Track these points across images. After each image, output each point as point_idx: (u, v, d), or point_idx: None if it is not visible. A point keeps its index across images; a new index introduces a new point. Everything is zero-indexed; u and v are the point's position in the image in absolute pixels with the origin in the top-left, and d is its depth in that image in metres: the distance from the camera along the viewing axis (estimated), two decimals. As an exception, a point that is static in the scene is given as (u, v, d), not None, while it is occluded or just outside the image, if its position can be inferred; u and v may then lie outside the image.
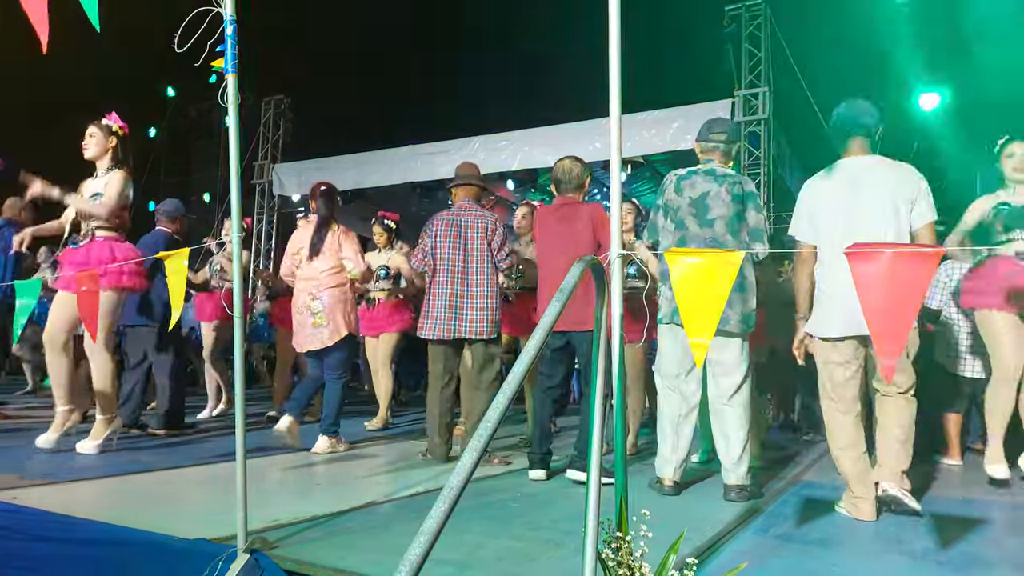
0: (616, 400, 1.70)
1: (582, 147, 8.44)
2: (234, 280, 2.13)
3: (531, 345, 1.25)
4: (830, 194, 2.85)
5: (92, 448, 3.66)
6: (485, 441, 1.09)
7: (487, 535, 2.26)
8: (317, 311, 4.03)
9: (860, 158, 2.86)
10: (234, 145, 2.06)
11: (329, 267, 4.08)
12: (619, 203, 1.76)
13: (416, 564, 0.97)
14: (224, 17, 2.00)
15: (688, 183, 3.17)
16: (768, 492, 3.15)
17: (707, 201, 3.09)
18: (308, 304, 4.05)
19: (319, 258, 4.08)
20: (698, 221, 3.10)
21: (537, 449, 3.43)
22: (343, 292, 4.11)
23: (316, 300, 4.04)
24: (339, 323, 4.06)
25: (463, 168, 4.13)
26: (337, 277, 4.10)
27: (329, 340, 4.03)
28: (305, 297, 4.07)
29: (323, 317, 4.03)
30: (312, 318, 4.04)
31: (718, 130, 3.24)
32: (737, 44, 8.33)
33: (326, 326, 4.04)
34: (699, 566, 1.59)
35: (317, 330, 4.04)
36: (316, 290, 4.05)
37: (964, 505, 3.06)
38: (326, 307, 4.03)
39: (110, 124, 3.79)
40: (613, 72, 1.69)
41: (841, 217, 2.79)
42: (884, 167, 2.82)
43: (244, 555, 1.86)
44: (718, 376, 3.07)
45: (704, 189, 3.11)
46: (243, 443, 2.02)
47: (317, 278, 4.06)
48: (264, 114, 11.34)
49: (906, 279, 1.52)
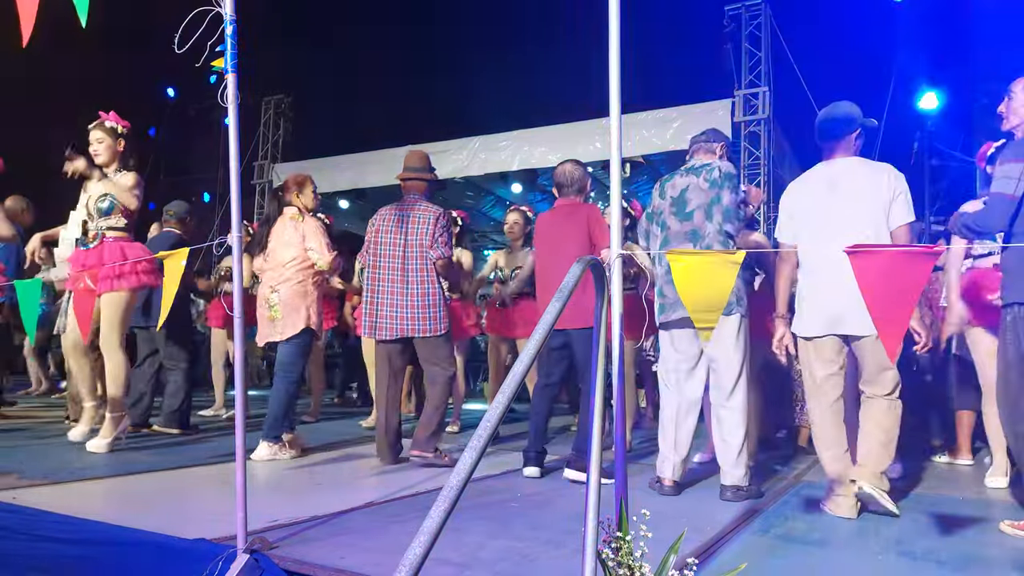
0: (616, 400, 1.70)
1: (582, 147, 8.46)
2: (234, 280, 2.13)
3: (531, 345, 1.25)
4: (808, 196, 2.90)
5: (104, 447, 3.66)
6: (485, 441, 1.09)
7: (487, 535, 2.26)
8: (273, 304, 3.91)
9: (839, 159, 2.89)
10: (234, 145, 2.06)
11: (291, 258, 3.92)
12: (619, 203, 1.76)
13: (416, 564, 0.97)
14: (224, 17, 2.00)
15: (670, 184, 3.24)
16: (768, 492, 3.16)
17: (686, 195, 3.14)
18: (267, 296, 3.95)
19: (282, 250, 3.93)
20: (678, 217, 3.15)
21: (531, 447, 3.44)
22: (303, 286, 3.93)
23: (274, 293, 3.92)
24: (296, 318, 3.88)
25: (410, 159, 3.95)
26: (299, 270, 3.92)
27: (283, 334, 3.89)
28: (265, 289, 3.99)
29: (278, 310, 3.90)
30: (268, 311, 3.94)
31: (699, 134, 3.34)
32: (737, 44, 8.34)
33: (281, 319, 3.89)
34: (699, 566, 1.59)
35: (273, 323, 3.92)
36: (275, 282, 3.93)
37: (964, 505, 3.06)
38: (282, 300, 3.89)
39: (115, 125, 3.78)
40: (613, 72, 1.69)
41: (820, 219, 2.83)
42: (863, 168, 2.85)
43: (244, 555, 1.86)
44: (718, 374, 3.07)
45: (683, 185, 3.17)
46: (243, 443, 2.02)
47: (279, 270, 3.94)
48: (264, 114, 11.34)
49: (904, 277, 1.53)
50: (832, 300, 2.72)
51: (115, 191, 3.71)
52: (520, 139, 8.82)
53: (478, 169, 9.05)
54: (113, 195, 3.72)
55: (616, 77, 1.70)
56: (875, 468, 2.71)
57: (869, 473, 2.69)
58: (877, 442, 2.74)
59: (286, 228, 3.98)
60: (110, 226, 3.75)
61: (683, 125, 7.63)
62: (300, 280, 3.92)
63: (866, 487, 2.65)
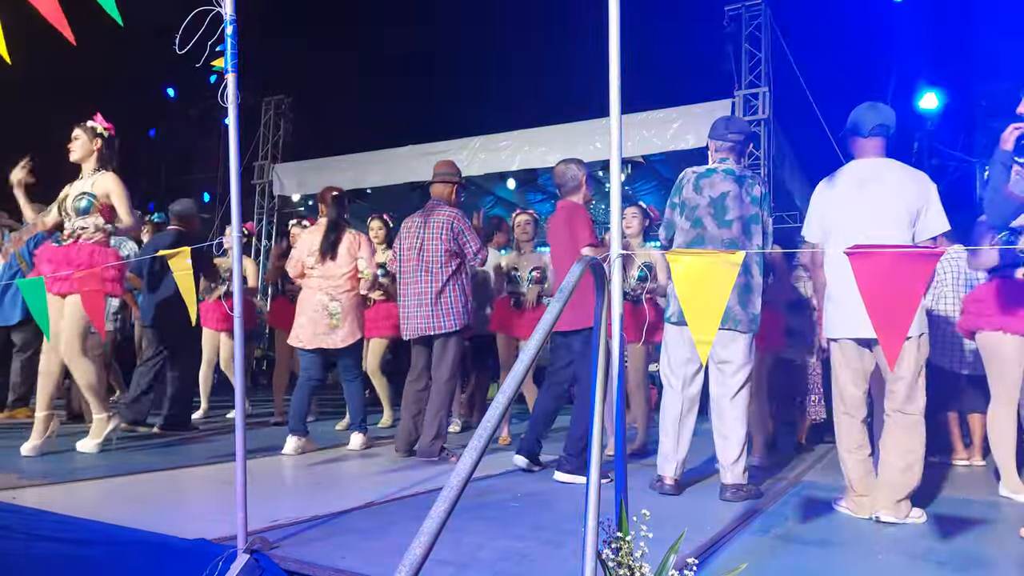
0: (616, 400, 1.70)
1: (582, 147, 8.45)
2: (234, 280, 2.13)
3: (531, 345, 1.25)
4: (840, 195, 2.83)
5: (93, 447, 3.65)
6: (485, 441, 1.09)
7: (487, 535, 2.26)
8: (335, 312, 4.10)
9: (874, 160, 2.83)
10: (234, 145, 2.05)
11: (347, 271, 4.15)
12: (619, 203, 1.75)
13: (416, 564, 0.98)
14: (224, 17, 2.00)
15: (707, 182, 3.14)
16: (768, 492, 3.16)
17: (726, 202, 3.09)
18: (326, 304, 4.10)
19: (335, 261, 4.13)
20: (716, 222, 3.09)
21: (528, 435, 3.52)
22: (358, 297, 4.23)
23: (335, 301, 4.10)
24: (355, 326, 4.17)
25: (440, 166, 4.24)
26: (353, 281, 4.18)
27: (344, 342, 4.10)
28: (322, 297, 4.10)
29: (340, 319, 4.10)
30: (329, 319, 4.09)
31: (735, 129, 3.22)
32: (737, 44, 8.33)
33: (343, 328, 4.10)
34: (699, 566, 1.59)
35: (333, 331, 4.10)
36: (335, 291, 4.11)
37: (964, 505, 3.06)
38: (344, 309, 4.11)
39: (95, 126, 3.74)
40: (613, 72, 1.69)
41: (850, 218, 2.77)
42: (898, 171, 2.80)
43: (244, 555, 1.86)
44: (724, 375, 3.07)
45: (724, 189, 3.10)
46: (243, 443, 2.02)
47: (336, 279, 4.12)
48: (264, 114, 11.34)
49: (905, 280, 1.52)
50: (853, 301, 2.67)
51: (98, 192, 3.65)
52: (520, 139, 8.81)
53: (478, 169, 9.05)
54: (92, 194, 3.65)
55: (616, 77, 1.69)
56: (893, 496, 2.60)
57: (887, 501, 2.60)
58: (895, 468, 2.62)
59: (349, 239, 4.20)
60: (85, 226, 3.64)
61: (683, 125, 7.63)
62: (355, 290, 4.20)
63: (883, 516, 2.59)
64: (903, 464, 2.62)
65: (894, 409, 2.70)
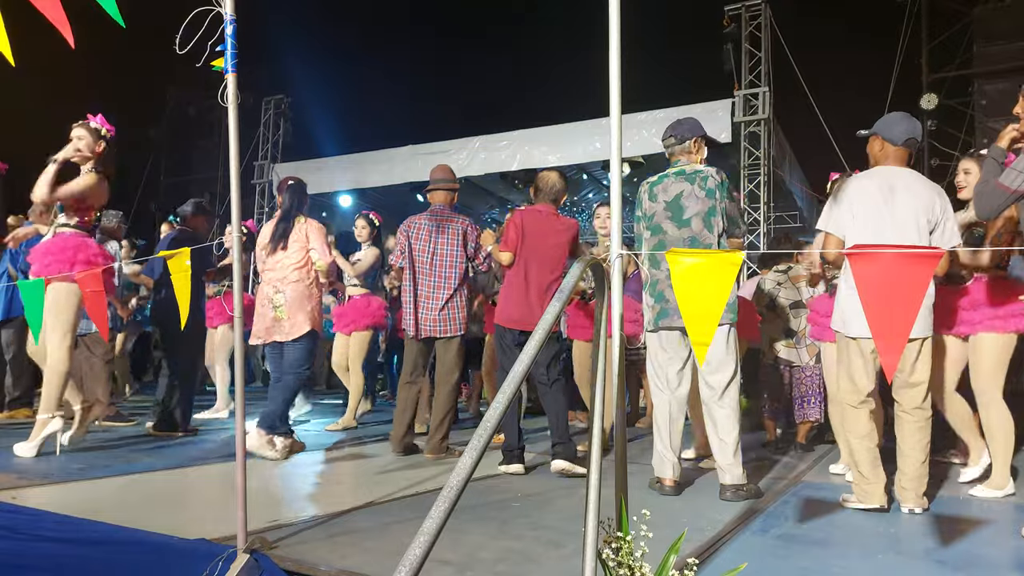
0: (615, 400, 1.70)
1: (582, 147, 8.47)
2: (234, 280, 2.13)
3: (530, 345, 1.25)
4: (873, 197, 2.87)
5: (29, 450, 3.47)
6: (485, 441, 1.09)
7: (487, 535, 2.26)
8: (279, 304, 3.97)
9: (898, 168, 2.90)
10: (234, 145, 2.06)
11: (295, 261, 4.02)
12: (619, 203, 1.75)
13: (416, 564, 0.98)
14: (224, 17, 2.00)
15: (660, 188, 3.23)
16: (768, 492, 3.15)
17: (681, 201, 3.14)
18: (271, 297, 4.00)
19: (285, 251, 4.02)
20: (675, 223, 3.15)
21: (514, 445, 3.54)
22: (308, 288, 4.04)
23: (279, 293, 3.98)
24: (301, 319, 3.97)
25: (438, 172, 4.23)
26: (303, 272, 4.03)
27: (289, 335, 3.96)
28: (268, 289, 4.03)
29: (284, 311, 3.96)
30: (273, 311, 3.98)
31: (668, 135, 3.32)
32: (737, 44, 8.34)
33: (287, 320, 3.96)
34: (699, 566, 1.59)
35: (278, 324, 3.98)
36: (280, 283, 3.99)
37: (964, 505, 3.06)
38: (288, 301, 3.96)
39: (99, 127, 3.70)
40: (613, 72, 1.69)
41: (881, 222, 2.83)
42: (923, 183, 2.88)
43: (244, 555, 1.86)
44: (708, 374, 3.07)
45: (677, 190, 3.17)
46: (243, 443, 2.03)
47: (283, 271, 4.01)
48: (264, 114, 11.34)
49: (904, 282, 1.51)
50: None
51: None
52: (520, 139, 8.82)
53: (478, 169, 9.06)
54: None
55: (616, 77, 1.69)
56: (920, 489, 2.79)
57: (915, 497, 2.79)
58: (917, 462, 2.78)
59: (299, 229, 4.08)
60: (63, 223, 3.61)
61: (683, 125, 7.62)
62: (306, 281, 4.04)
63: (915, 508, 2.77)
64: (923, 458, 2.79)
65: (904, 408, 2.81)
